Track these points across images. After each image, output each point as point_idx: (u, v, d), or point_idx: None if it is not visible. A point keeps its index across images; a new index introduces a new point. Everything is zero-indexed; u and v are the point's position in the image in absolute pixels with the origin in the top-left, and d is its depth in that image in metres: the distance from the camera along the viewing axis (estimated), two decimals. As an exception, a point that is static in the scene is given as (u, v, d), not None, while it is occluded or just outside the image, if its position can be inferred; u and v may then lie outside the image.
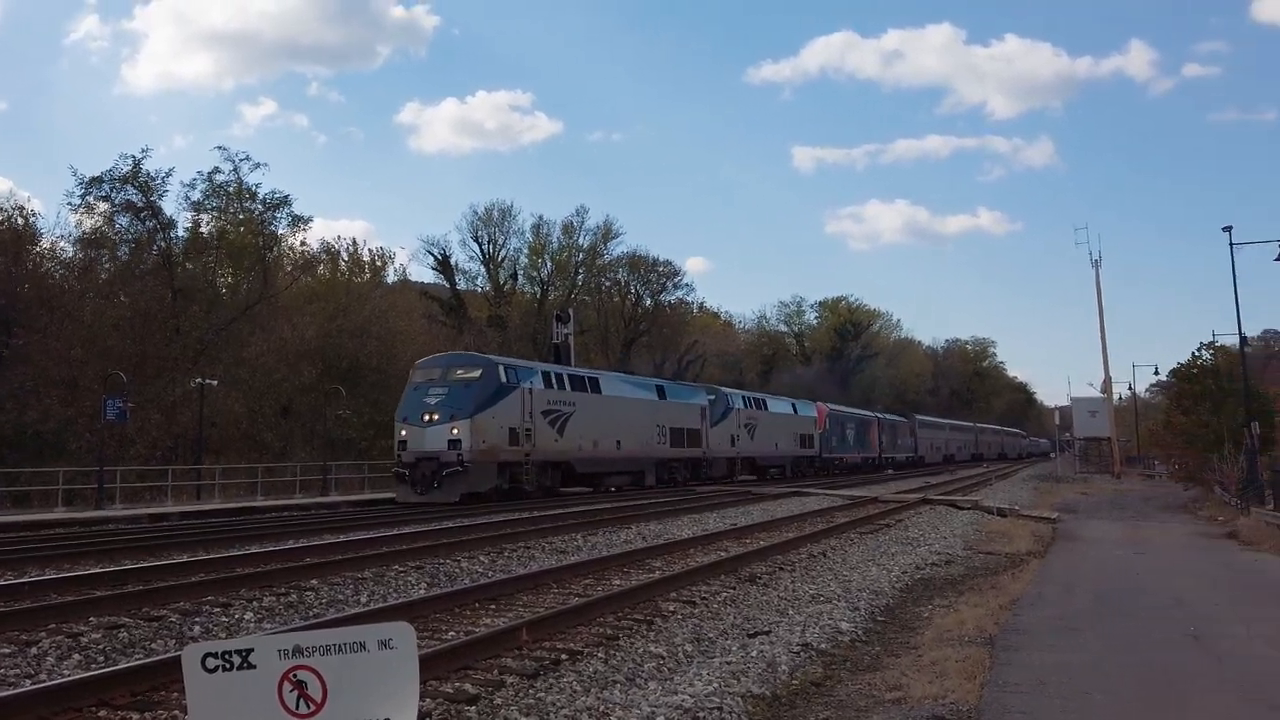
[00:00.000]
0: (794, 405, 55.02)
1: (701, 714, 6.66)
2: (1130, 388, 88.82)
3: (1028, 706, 6.79)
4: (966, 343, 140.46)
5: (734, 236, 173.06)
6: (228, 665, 3.33)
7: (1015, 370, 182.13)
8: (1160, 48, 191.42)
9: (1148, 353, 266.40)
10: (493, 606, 10.81)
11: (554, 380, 32.38)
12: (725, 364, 79.89)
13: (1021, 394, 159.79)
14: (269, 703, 3.31)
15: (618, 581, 12.73)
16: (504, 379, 29.52)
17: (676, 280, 77.00)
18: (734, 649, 8.84)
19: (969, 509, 27.13)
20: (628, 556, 15.05)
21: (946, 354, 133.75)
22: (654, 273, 74.74)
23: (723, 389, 46.37)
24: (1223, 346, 41.81)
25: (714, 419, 42.32)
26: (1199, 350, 42.13)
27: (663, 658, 8.47)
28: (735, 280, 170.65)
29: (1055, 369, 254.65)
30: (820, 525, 21.17)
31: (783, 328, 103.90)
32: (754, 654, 8.58)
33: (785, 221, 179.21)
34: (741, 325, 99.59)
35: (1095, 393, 76.74)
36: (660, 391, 40.19)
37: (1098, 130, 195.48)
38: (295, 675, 3.34)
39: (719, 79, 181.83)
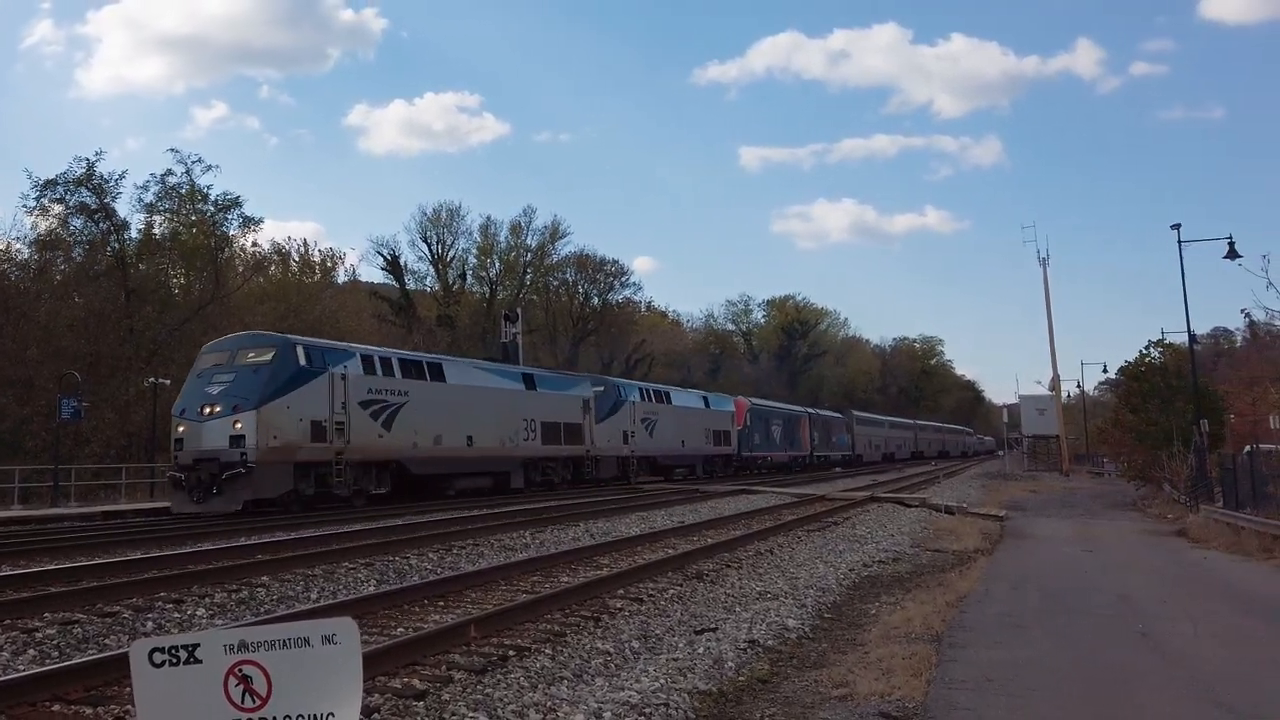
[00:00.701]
0: (706, 399, 50.32)
1: (648, 710, 6.69)
2: (1079, 385, 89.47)
3: (974, 703, 6.87)
4: (914, 341, 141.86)
5: (681, 236, 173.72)
6: (174, 660, 3.34)
7: (963, 368, 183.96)
8: (1108, 46, 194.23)
9: (1096, 351, 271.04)
10: (441, 603, 10.81)
11: (378, 365, 26.95)
12: (672, 363, 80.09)
13: (970, 392, 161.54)
14: (215, 697, 3.32)
15: (565, 579, 12.75)
16: (305, 362, 24.32)
17: (624, 280, 77.39)
18: (681, 646, 8.88)
19: (916, 507, 27.39)
20: (575, 554, 15.08)
21: (894, 352, 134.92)
22: (601, 272, 75.06)
23: (613, 379, 42.43)
24: (1171, 344, 42.19)
25: (601, 413, 37.36)
26: (1148, 348, 42.52)
27: (610, 654, 8.49)
28: (683, 280, 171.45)
29: (1003, 367, 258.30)
30: (768, 523, 21.28)
31: (730, 326, 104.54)
32: (701, 651, 8.62)
33: (732, 221, 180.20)
34: (689, 324, 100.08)
35: (1044, 390, 77.59)
36: (529, 381, 34.65)
37: (1045, 129, 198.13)
38: (241, 670, 3.36)
39: (666, 80, 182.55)
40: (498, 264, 70.90)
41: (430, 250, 68.60)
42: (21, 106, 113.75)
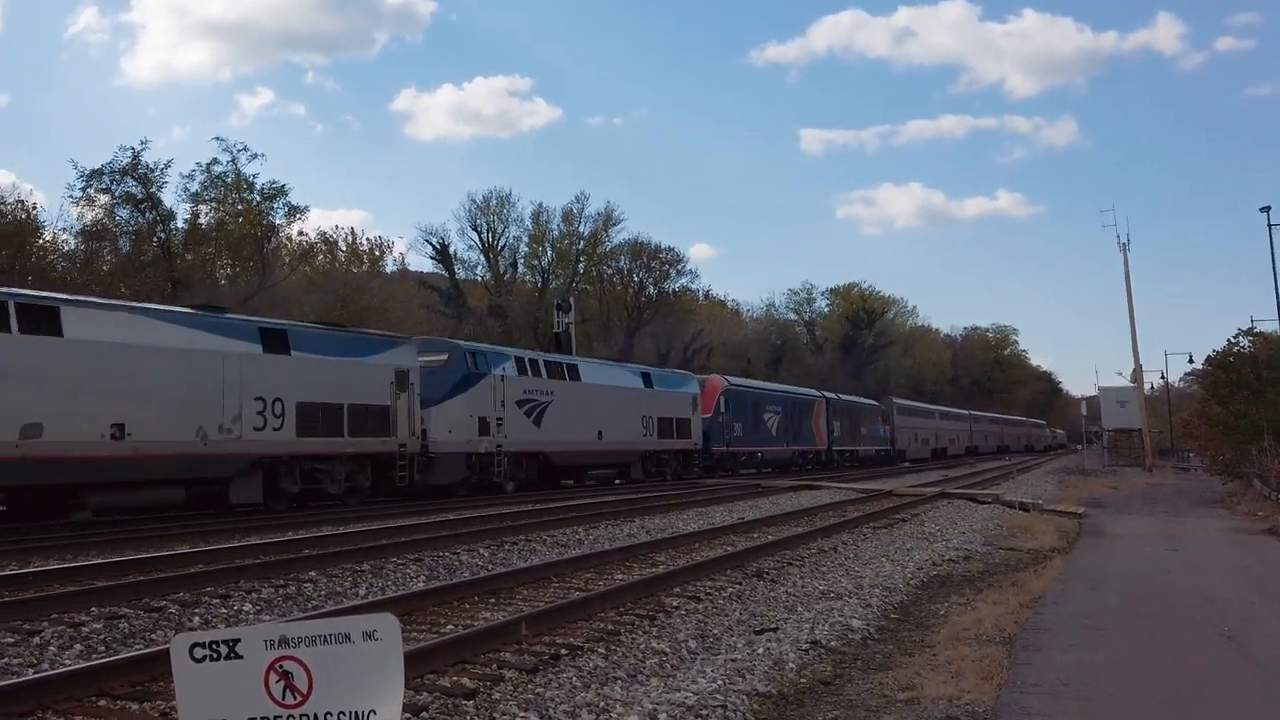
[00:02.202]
0: (648, 376, 39.81)
1: (705, 712, 6.67)
2: (1163, 376, 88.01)
3: (1048, 709, 6.77)
4: (987, 331, 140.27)
5: (740, 222, 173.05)
6: (215, 655, 3.40)
7: (1039, 359, 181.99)
8: (1190, 21, 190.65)
9: (1181, 340, 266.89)
10: (492, 600, 10.89)
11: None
12: (732, 353, 79.82)
13: (1046, 384, 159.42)
14: (256, 693, 3.37)
15: (620, 576, 12.79)
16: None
17: (680, 267, 76.99)
18: (740, 646, 8.86)
19: (990, 503, 27.11)
20: (630, 550, 15.12)
21: (966, 342, 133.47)
22: (657, 260, 74.75)
23: (464, 343, 31.03)
24: (1262, 333, 41.16)
25: (438, 391, 27.48)
26: (1236, 337, 41.55)
27: (665, 654, 8.49)
28: (742, 267, 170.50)
29: (1082, 358, 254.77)
30: (832, 519, 21.18)
31: (792, 316, 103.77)
32: (760, 651, 8.59)
33: (793, 206, 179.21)
34: (749, 314, 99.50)
35: (1125, 382, 75.95)
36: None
37: (1124, 108, 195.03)
38: (281, 666, 3.41)
39: (723, 61, 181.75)
40: (550, 252, 71.11)
41: (480, 238, 68.96)
42: (66, 96, 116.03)
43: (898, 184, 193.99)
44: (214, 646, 3.40)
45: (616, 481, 36.67)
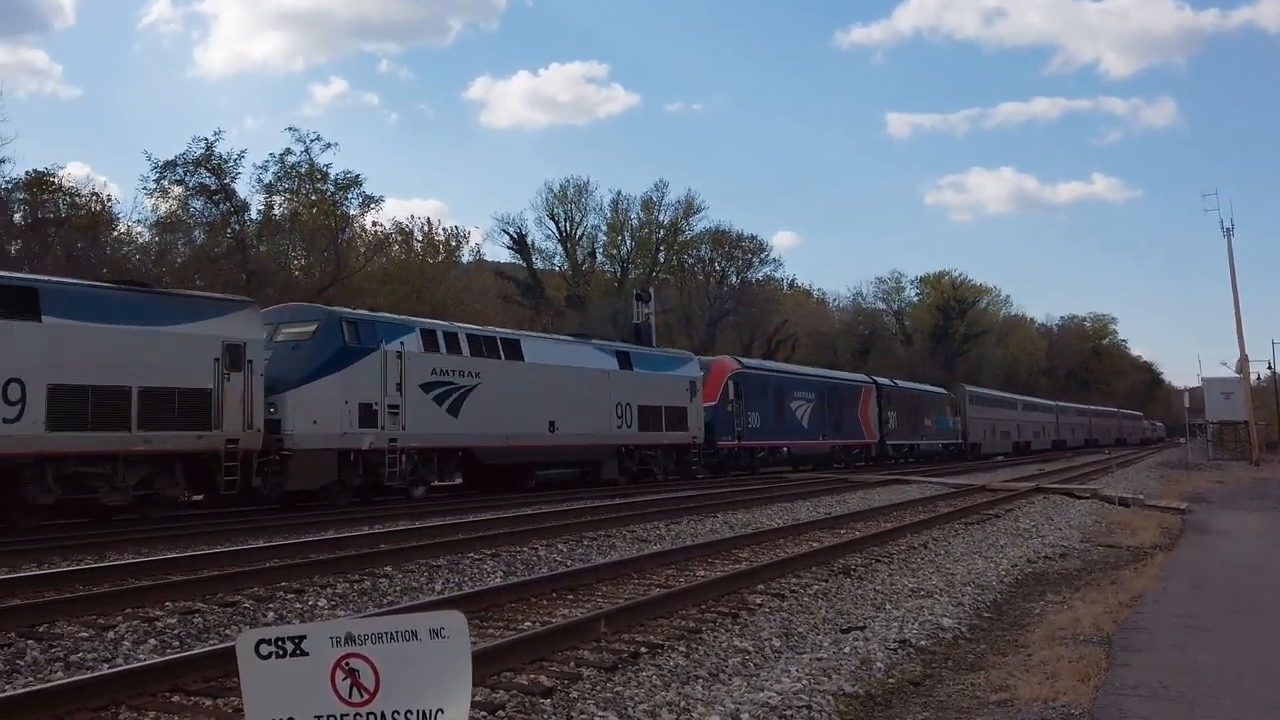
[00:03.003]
0: (625, 355, 33.13)
1: (789, 713, 6.61)
2: (1270, 366, 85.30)
3: (1147, 712, 6.60)
4: (1084, 320, 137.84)
5: (825, 210, 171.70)
6: (281, 652, 3.40)
7: (1139, 349, 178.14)
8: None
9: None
10: (570, 597, 10.89)
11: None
12: (818, 343, 79.36)
13: (1146, 374, 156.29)
14: (322, 690, 3.37)
15: (701, 572, 12.74)
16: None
17: (763, 256, 76.87)
18: (825, 645, 8.77)
19: (1088, 499, 26.63)
20: (712, 546, 15.07)
21: (1061, 332, 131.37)
22: (739, 249, 74.69)
23: (341, 310, 24.86)
24: (1373, 320, 40.01)
25: (299, 371, 22.13)
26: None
27: (748, 652, 8.43)
28: (827, 256, 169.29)
29: (1184, 347, 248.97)
30: (921, 515, 20.95)
31: (881, 305, 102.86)
32: (847, 650, 8.50)
33: (880, 193, 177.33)
34: (835, 303, 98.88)
35: (1230, 372, 74.01)
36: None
37: (1226, 88, 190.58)
38: (348, 663, 3.41)
39: (805, 44, 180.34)
40: (629, 241, 71.32)
41: (558, 228, 69.39)
42: (140, 88, 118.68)
43: (988, 169, 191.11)
44: (280, 643, 3.41)
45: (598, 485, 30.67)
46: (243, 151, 46.72)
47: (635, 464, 32.17)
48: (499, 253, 67.92)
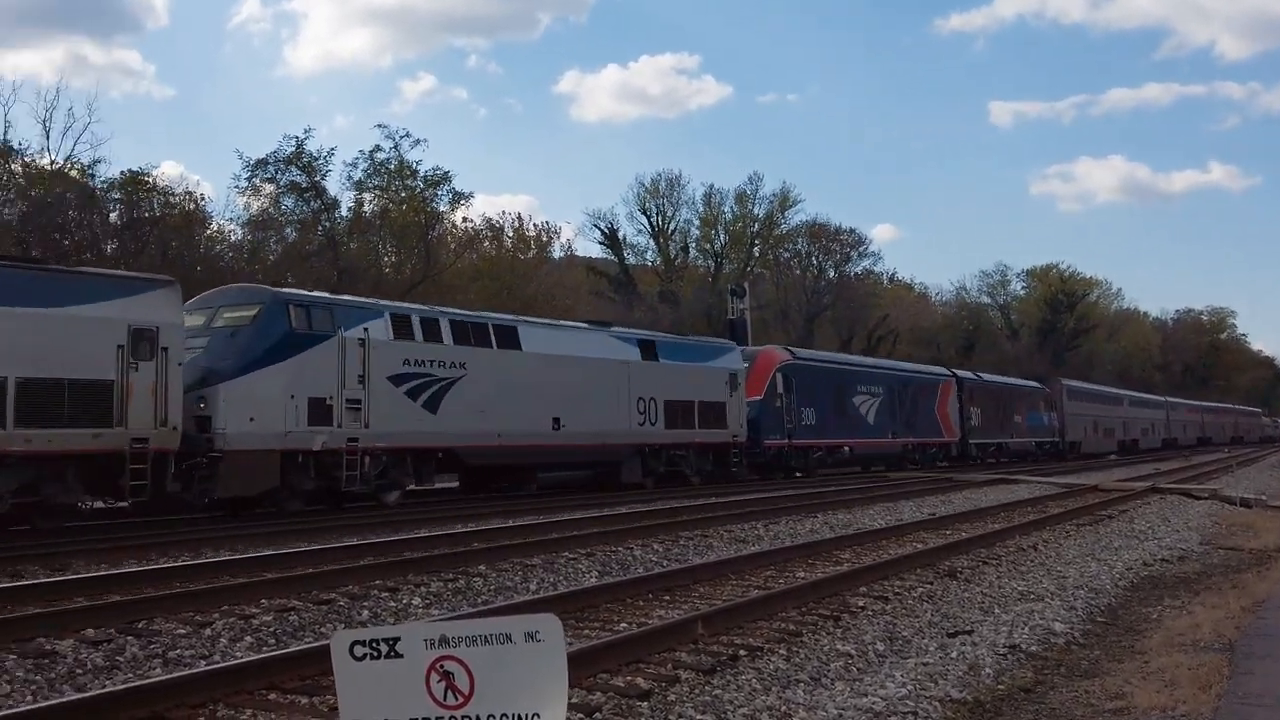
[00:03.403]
0: (649, 345, 30.08)
1: (894, 719, 6.53)
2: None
3: (1272, 722, 6.38)
4: (1200, 313, 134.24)
5: (925, 201, 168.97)
6: (375, 654, 3.43)
7: (1262, 344, 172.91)
8: None
9: None
10: (667, 597, 10.88)
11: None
12: (919, 339, 78.45)
13: (1269, 370, 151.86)
14: (417, 693, 3.39)
15: (801, 574, 12.66)
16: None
17: (862, 250, 76.17)
18: (931, 649, 8.65)
19: (1206, 499, 25.97)
20: (812, 547, 14.97)
21: (1177, 326, 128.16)
22: (837, 242, 74.13)
23: (290, 292, 22.52)
24: None
25: (236, 360, 19.73)
26: None
27: (851, 656, 8.34)
28: (929, 249, 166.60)
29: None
30: (1030, 516, 20.60)
31: (985, 300, 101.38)
32: (954, 655, 8.37)
33: (983, 183, 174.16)
34: (938, 297, 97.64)
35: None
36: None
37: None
38: (442, 666, 3.42)
39: (903, 32, 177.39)
40: (723, 235, 71.15)
41: (650, 222, 69.53)
42: (231, 87, 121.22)
43: (1097, 157, 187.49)
44: (374, 645, 3.44)
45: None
46: (333, 149, 47.53)
47: (662, 465, 29.49)
48: (590, 248, 68.36)
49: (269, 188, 46.39)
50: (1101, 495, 26.86)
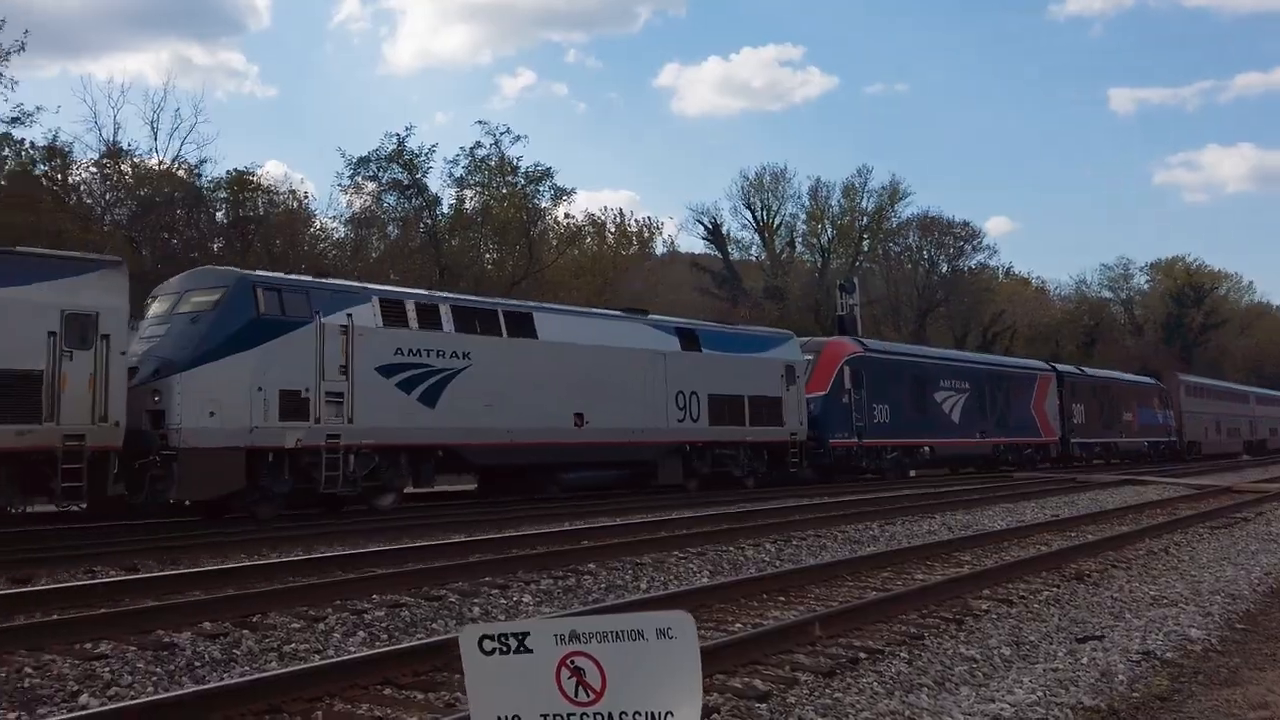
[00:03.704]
0: (691, 335, 28.17)
1: (1024, 726, 6.40)
2: None
3: None
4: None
5: (1042, 193, 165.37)
6: (504, 648, 3.44)
7: None
8: None
9: None
10: (781, 598, 10.80)
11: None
12: (1037, 335, 77.04)
13: None
14: (548, 689, 3.39)
15: (920, 576, 12.50)
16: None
17: (976, 243, 75.09)
18: (1060, 654, 8.46)
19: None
20: (931, 548, 14.78)
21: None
22: (950, 235, 73.25)
23: (259, 275, 20.74)
24: None
25: (195, 349, 18.32)
26: None
27: (975, 661, 8.20)
28: (1046, 242, 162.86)
29: None
30: (1160, 518, 20.12)
31: (1107, 294, 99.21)
32: (1084, 661, 8.19)
33: (1103, 173, 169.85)
34: (1057, 292, 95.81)
35: None
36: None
37: None
38: (573, 662, 3.41)
39: (1016, 17, 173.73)
40: (830, 230, 70.66)
41: (754, 217, 69.37)
42: (332, 85, 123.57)
43: (1225, 145, 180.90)
44: (503, 639, 3.45)
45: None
46: (434, 146, 48.45)
47: (707, 465, 27.59)
48: (694, 243, 68.47)
49: (371, 185, 47.32)
50: (1235, 497, 26.11)
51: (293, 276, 20.92)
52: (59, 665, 7.64)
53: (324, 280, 21.35)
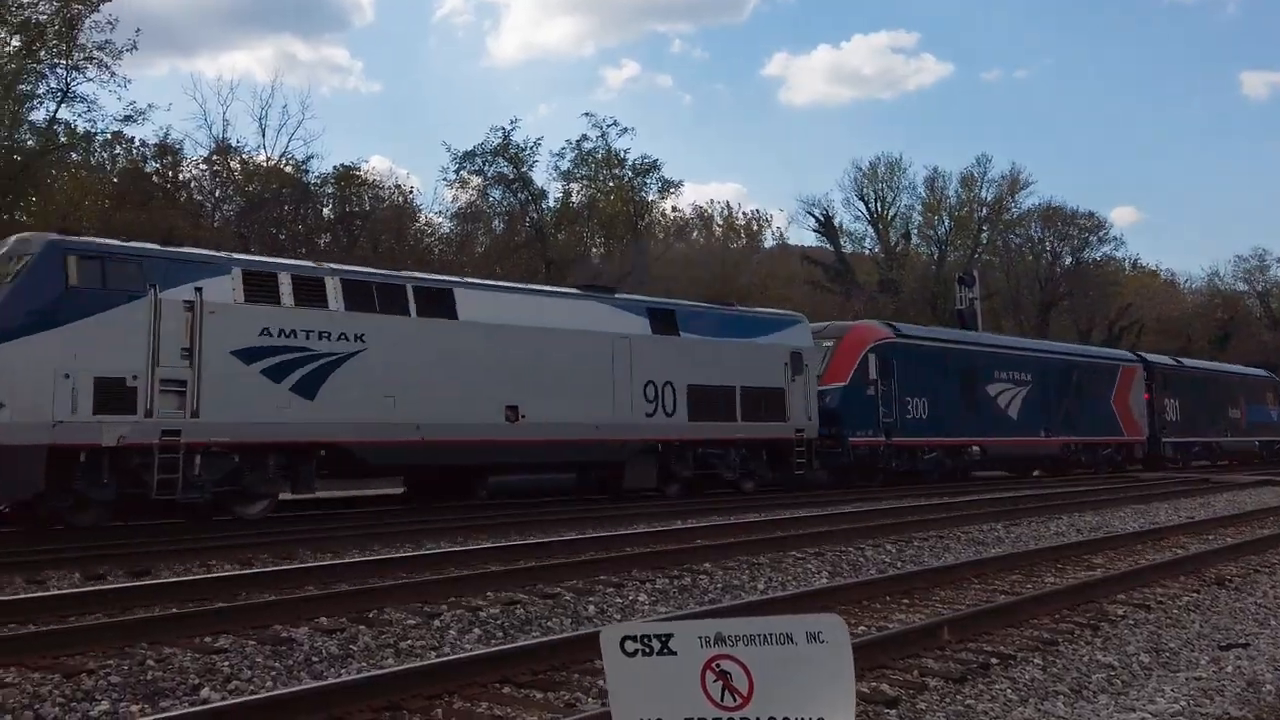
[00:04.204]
0: (667, 315, 24.80)
1: (1167, 736, 6.25)
2: None
3: None
4: None
5: (1170, 182, 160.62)
6: (647, 650, 3.42)
7: None
8: None
9: None
10: (905, 601, 10.67)
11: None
12: (1166, 329, 75.15)
13: None
14: (693, 692, 3.36)
15: (1050, 579, 12.27)
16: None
17: (1101, 234, 73.42)
18: (1202, 662, 8.25)
19: None
20: (1060, 550, 14.50)
21: None
22: (1073, 226, 71.73)
23: (78, 240, 17.38)
24: None
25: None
26: None
27: (1113, 668, 8.01)
28: (1175, 233, 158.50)
29: None
30: (1305, 520, 19.55)
31: (1241, 286, 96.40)
32: (1229, 669, 7.98)
33: (1236, 161, 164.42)
34: (1187, 285, 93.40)
35: None
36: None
37: None
38: (718, 665, 3.38)
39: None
40: (947, 221, 69.71)
41: (868, 208, 68.63)
42: (435, 80, 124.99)
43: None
44: (646, 641, 3.43)
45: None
46: (539, 139, 48.82)
47: (688, 467, 24.38)
48: (804, 236, 68.01)
49: (476, 180, 47.82)
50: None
51: (122, 243, 17.64)
52: (180, 658, 7.79)
53: (167, 249, 17.95)
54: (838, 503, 23.02)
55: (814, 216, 65.96)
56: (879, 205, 68.62)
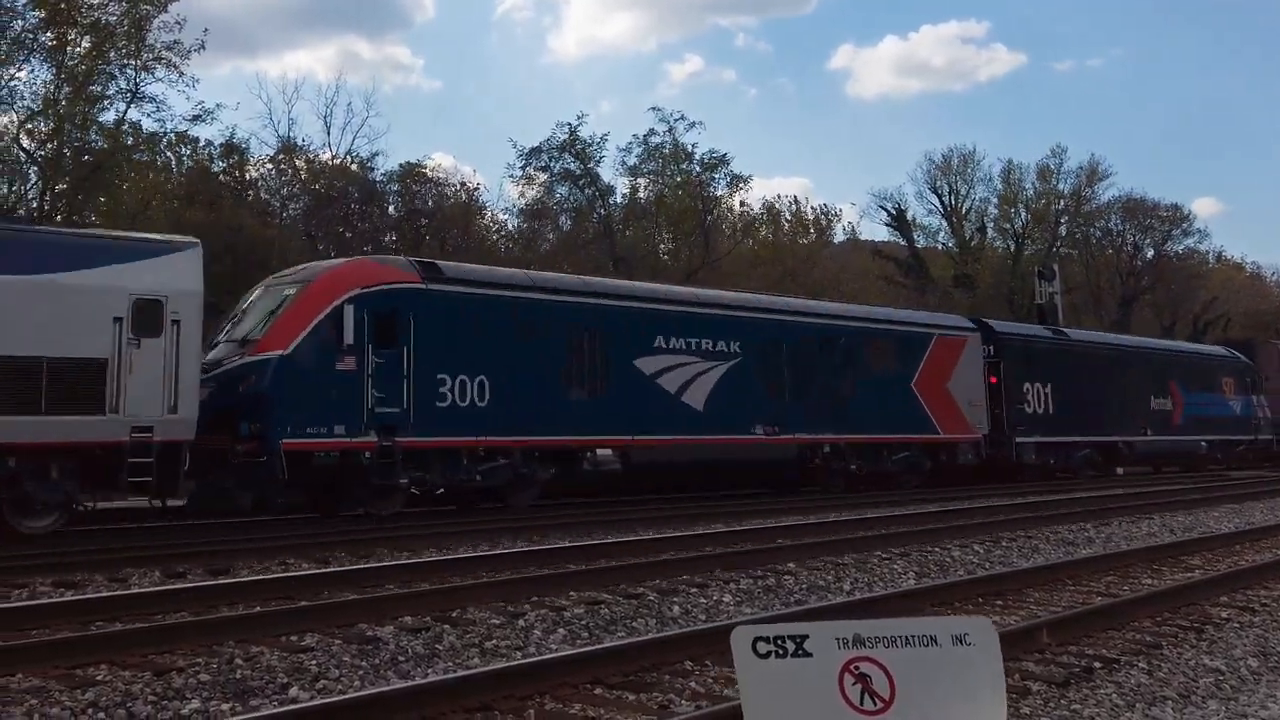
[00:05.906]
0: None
1: (1282, 744, 6.12)
2: None
3: None
4: None
5: (1254, 171, 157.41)
6: (781, 651, 3.37)
7: None
8: None
9: None
10: (999, 602, 10.53)
11: None
12: (1253, 323, 73.71)
13: None
14: (829, 695, 3.31)
15: (1148, 580, 12.10)
16: None
17: (1184, 226, 72.05)
18: (1314, 667, 8.06)
19: None
20: (1155, 551, 14.32)
21: None
22: (1154, 218, 70.42)
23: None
24: None
25: None
26: None
27: (1221, 672, 7.88)
28: (1260, 224, 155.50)
29: None
30: None
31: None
32: (1343, 675, 7.78)
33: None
34: (1274, 278, 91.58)
35: None
36: None
37: None
38: (857, 668, 3.32)
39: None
40: (1023, 214, 68.72)
41: (941, 202, 67.87)
42: (496, 76, 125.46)
43: None
44: (779, 642, 3.38)
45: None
46: (605, 134, 48.80)
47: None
48: (875, 230, 67.44)
49: (542, 176, 47.90)
50: None
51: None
52: (267, 657, 7.87)
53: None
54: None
55: (886, 210, 65.44)
56: (953, 198, 67.94)
